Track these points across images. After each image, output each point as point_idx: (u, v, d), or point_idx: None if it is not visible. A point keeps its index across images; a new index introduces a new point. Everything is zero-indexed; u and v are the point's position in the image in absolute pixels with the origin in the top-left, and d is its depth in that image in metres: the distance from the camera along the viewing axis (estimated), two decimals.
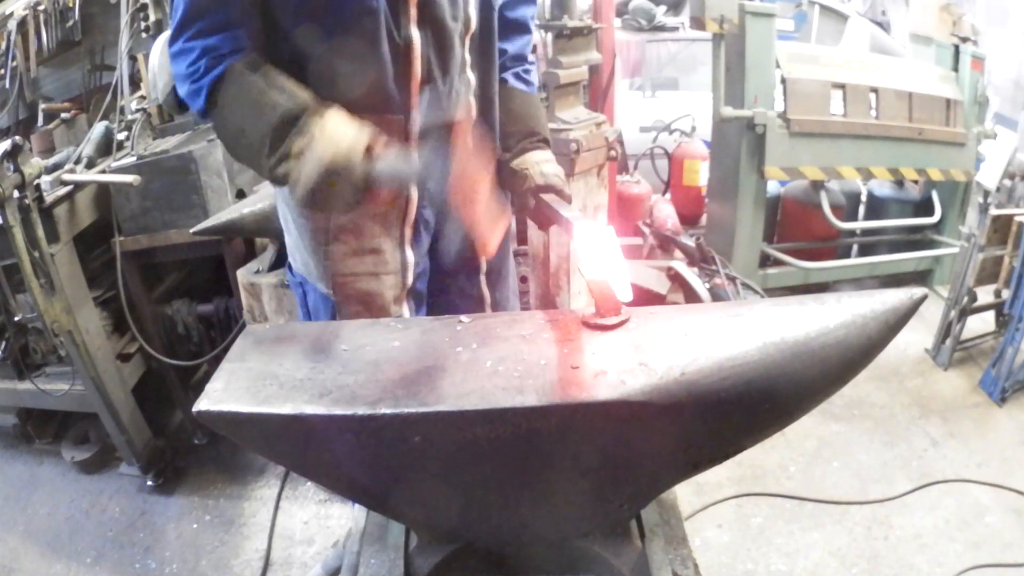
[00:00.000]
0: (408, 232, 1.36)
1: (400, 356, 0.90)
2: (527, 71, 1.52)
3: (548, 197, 1.37)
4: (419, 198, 1.36)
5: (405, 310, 1.40)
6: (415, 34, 1.23)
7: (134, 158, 2.49)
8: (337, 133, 1.06)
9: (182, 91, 1.18)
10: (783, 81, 3.39)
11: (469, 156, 1.40)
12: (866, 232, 4.14)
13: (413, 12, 1.22)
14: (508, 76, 1.48)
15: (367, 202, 1.11)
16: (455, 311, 1.51)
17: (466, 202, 1.22)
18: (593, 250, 0.94)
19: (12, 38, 3.29)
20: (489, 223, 1.23)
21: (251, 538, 2.49)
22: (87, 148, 2.60)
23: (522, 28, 1.50)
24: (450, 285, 1.52)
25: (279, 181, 1.11)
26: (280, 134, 1.08)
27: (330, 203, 1.10)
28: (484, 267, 1.52)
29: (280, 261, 2.31)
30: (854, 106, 3.48)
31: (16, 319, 2.46)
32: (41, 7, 3.29)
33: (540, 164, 1.41)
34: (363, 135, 1.08)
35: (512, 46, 1.48)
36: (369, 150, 1.08)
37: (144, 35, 2.82)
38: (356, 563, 1.03)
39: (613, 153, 2.64)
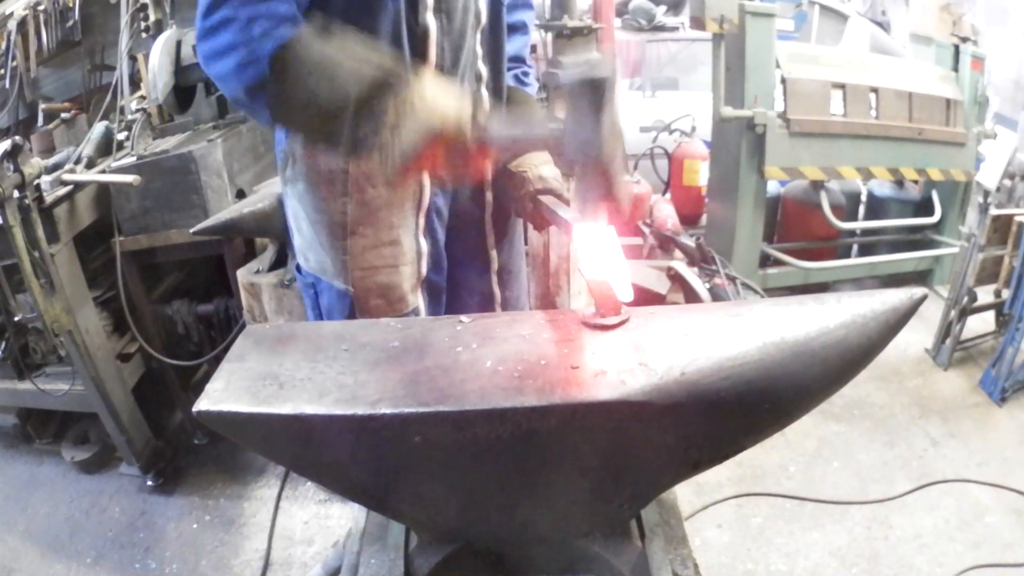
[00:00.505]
0: (422, 221, 1.36)
1: (400, 356, 0.90)
2: (525, 74, 1.54)
3: (546, 199, 1.37)
4: (431, 184, 1.36)
5: (420, 300, 1.40)
6: (431, 21, 1.25)
7: (134, 158, 2.49)
8: (440, 99, 1.01)
9: (225, 65, 1.07)
10: (783, 81, 3.39)
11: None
12: (866, 232, 4.14)
13: (430, 0, 1.24)
14: (507, 77, 1.48)
15: (467, 167, 1.04)
16: (465, 307, 1.51)
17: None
18: (593, 250, 0.94)
19: (12, 38, 3.29)
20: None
21: (251, 538, 2.49)
22: (87, 148, 2.60)
23: (520, 30, 1.52)
24: (461, 281, 1.52)
25: (364, 149, 1.03)
26: (369, 102, 1.00)
27: (428, 168, 1.04)
28: (495, 264, 1.52)
29: (280, 261, 2.31)
30: (854, 106, 3.48)
31: (16, 319, 2.45)
32: (41, 7, 3.29)
33: (539, 167, 1.42)
34: (466, 102, 1.02)
35: (510, 47, 1.49)
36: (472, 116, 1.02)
37: (144, 35, 2.83)
38: (356, 563, 1.03)
39: None
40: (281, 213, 1.43)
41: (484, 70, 1.38)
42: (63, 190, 2.35)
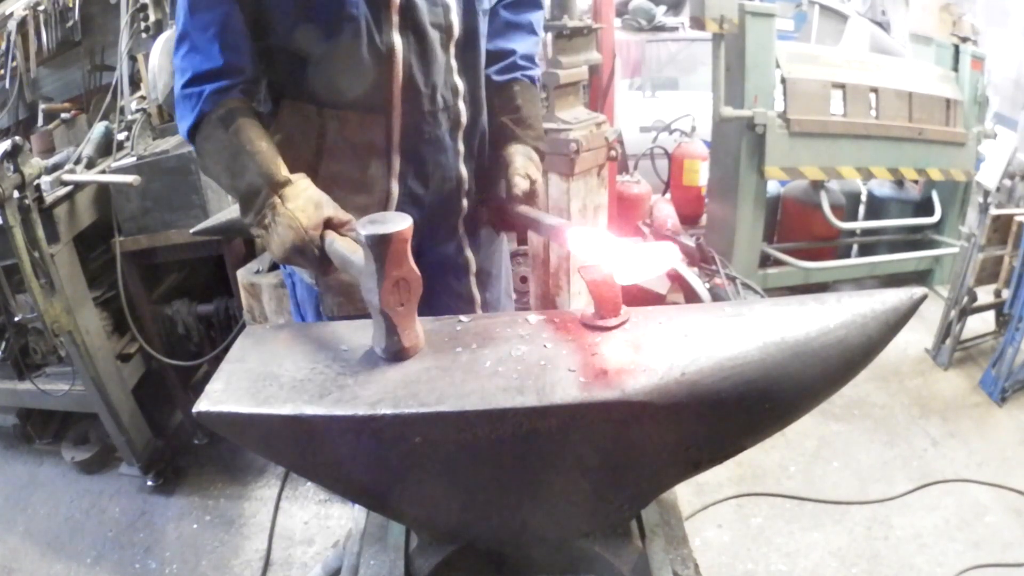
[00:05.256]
0: None
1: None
2: (532, 74, 1.51)
3: (524, 209, 1.35)
4: (400, 194, 1.36)
5: None
6: (397, 40, 1.25)
7: (134, 158, 2.49)
8: (295, 218, 1.11)
9: (177, 107, 1.22)
10: (783, 81, 3.39)
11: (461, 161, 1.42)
12: (866, 232, 4.14)
13: (395, 19, 1.24)
14: (519, 76, 1.47)
15: (324, 275, 1.18)
16: (444, 310, 1.51)
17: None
18: (593, 247, 0.94)
19: (12, 38, 3.29)
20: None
21: (251, 538, 2.49)
22: (87, 148, 2.60)
23: (527, 29, 1.50)
24: (439, 286, 1.52)
25: (255, 234, 1.20)
26: (248, 203, 1.16)
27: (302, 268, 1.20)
28: (473, 268, 1.52)
29: None
30: (854, 106, 3.48)
31: (16, 319, 2.45)
32: (41, 7, 3.29)
33: (525, 165, 1.40)
34: (319, 215, 1.12)
35: (520, 46, 1.48)
36: (331, 226, 1.12)
37: (144, 35, 2.82)
38: (356, 564, 1.03)
39: (613, 153, 2.64)
40: None
41: (460, 84, 1.37)
42: (63, 190, 2.35)
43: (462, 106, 1.38)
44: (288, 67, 1.27)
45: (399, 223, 0.87)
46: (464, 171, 1.43)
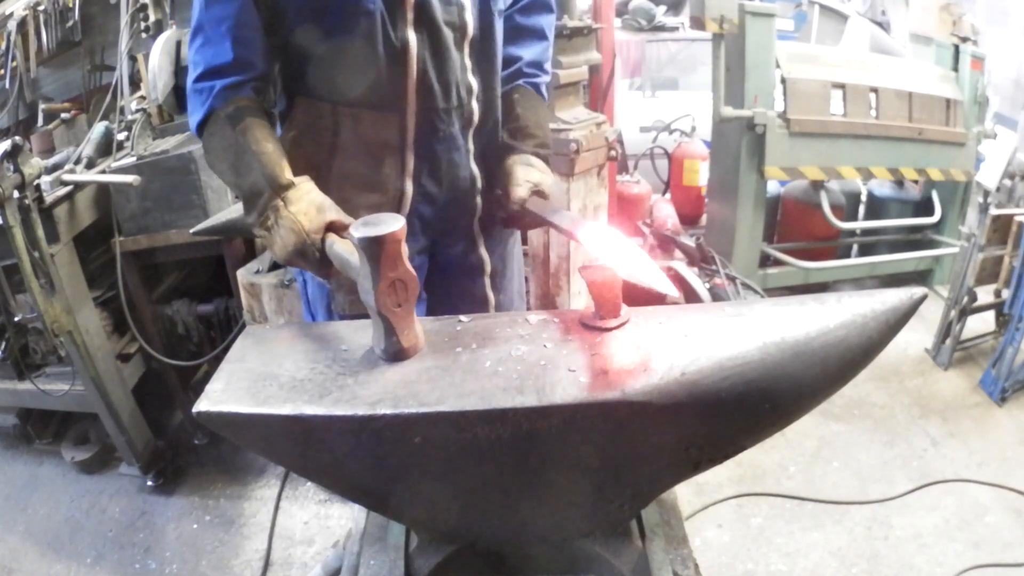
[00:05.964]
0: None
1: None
2: (538, 83, 1.50)
3: (536, 206, 1.34)
4: (414, 193, 1.36)
5: None
6: (411, 36, 1.25)
7: (134, 158, 2.49)
8: (297, 221, 1.12)
9: (188, 100, 1.24)
10: (783, 81, 3.39)
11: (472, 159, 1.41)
12: (866, 232, 4.14)
13: (410, 15, 1.24)
14: (521, 83, 1.46)
15: (325, 277, 1.19)
16: (458, 312, 1.51)
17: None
18: (610, 247, 0.94)
19: (12, 38, 3.29)
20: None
21: (251, 538, 2.49)
22: (87, 148, 2.60)
23: (537, 34, 1.49)
24: (453, 287, 1.52)
25: (256, 234, 1.22)
26: (251, 203, 1.18)
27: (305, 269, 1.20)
28: (488, 268, 1.52)
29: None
30: (854, 106, 3.48)
31: (16, 319, 2.45)
32: (41, 7, 3.29)
33: (525, 174, 1.39)
34: (321, 219, 1.12)
35: (528, 52, 1.46)
36: (333, 229, 1.13)
37: (144, 35, 2.83)
38: (356, 564, 1.03)
39: (613, 153, 2.64)
40: None
41: (474, 83, 1.36)
42: (63, 190, 2.35)
43: (475, 105, 1.38)
44: (302, 64, 1.27)
45: (392, 225, 0.86)
46: (476, 170, 1.43)
